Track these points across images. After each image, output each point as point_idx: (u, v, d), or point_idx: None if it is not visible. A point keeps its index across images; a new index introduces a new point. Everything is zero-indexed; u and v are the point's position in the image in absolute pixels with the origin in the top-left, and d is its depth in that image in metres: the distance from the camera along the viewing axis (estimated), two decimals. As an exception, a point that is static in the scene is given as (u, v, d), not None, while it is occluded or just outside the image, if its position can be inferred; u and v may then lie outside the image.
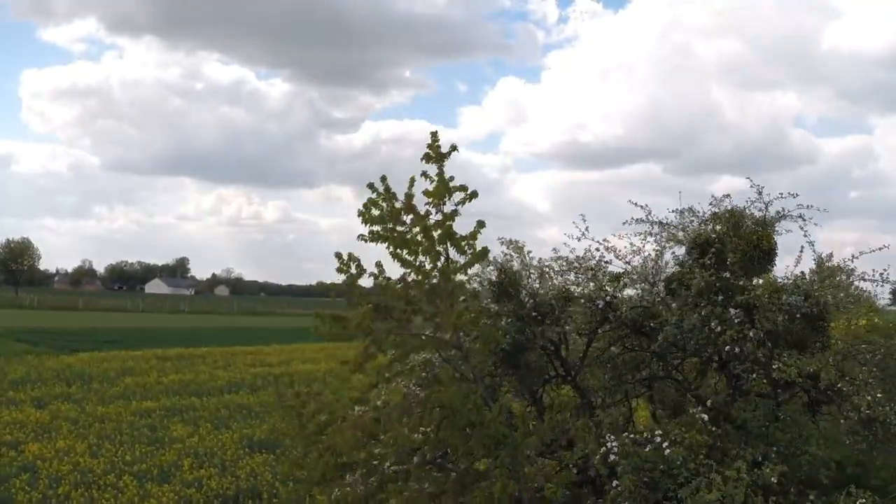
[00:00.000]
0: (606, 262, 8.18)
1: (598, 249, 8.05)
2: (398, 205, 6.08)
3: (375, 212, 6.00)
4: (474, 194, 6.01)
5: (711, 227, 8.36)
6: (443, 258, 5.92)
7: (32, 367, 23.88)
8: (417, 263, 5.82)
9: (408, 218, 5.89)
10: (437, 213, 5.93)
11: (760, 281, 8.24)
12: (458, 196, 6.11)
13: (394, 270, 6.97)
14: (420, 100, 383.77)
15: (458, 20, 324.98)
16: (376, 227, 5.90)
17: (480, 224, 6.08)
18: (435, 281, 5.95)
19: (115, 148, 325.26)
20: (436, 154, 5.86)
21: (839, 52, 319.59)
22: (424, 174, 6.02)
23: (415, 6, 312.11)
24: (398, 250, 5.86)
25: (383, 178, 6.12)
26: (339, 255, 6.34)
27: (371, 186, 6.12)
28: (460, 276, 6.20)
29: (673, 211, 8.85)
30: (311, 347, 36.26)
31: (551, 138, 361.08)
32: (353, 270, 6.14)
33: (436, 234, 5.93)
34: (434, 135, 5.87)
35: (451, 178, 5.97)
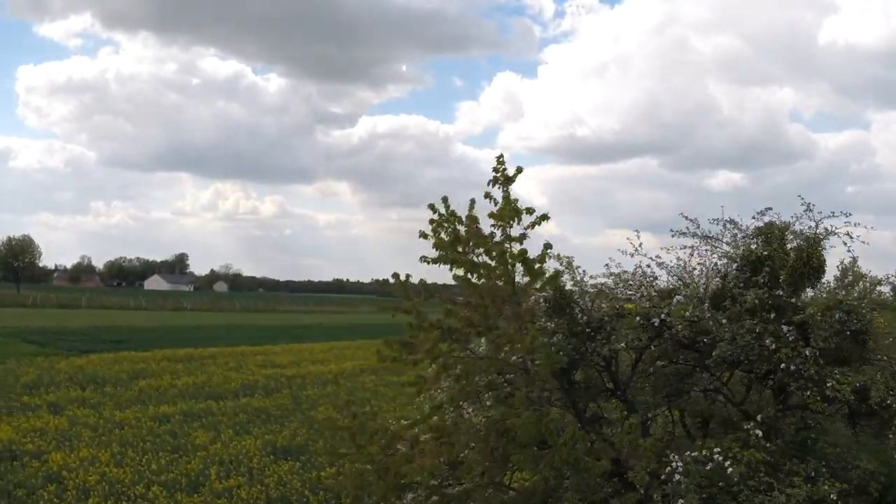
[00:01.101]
0: (655, 278, 8.12)
1: (648, 265, 7.98)
2: (460, 226, 5.97)
3: (441, 235, 5.89)
4: (544, 217, 5.91)
5: (756, 243, 8.32)
6: (515, 281, 5.81)
7: (44, 370, 23.70)
8: (489, 286, 5.70)
9: (471, 241, 5.77)
10: (501, 234, 5.83)
11: (810, 294, 8.21)
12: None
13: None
14: (417, 95, 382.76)
15: (454, 15, 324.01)
16: (441, 251, 5.77)
17: (547, 246, 5.99)
18: (507, 304, 5.84)
19: (111, 143, 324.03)
20: (503, 177, 5.75)
21: (836, 46, 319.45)
22: (488, 195, 5.90)
23: (411, 1, 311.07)
24: (468, 274, 5.75)
25: (445, 199, 6.02)
26: (396, 276, 6.23)
27: (433, 207, 6.00)
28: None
29: (712, 221, 8.81)
30: (320, 347, 36.23)
31: (548, 133, 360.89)
32: (419, 296, 6.03)
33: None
34: (500, 158, 5.78)
35: (516, 200, 5.87)
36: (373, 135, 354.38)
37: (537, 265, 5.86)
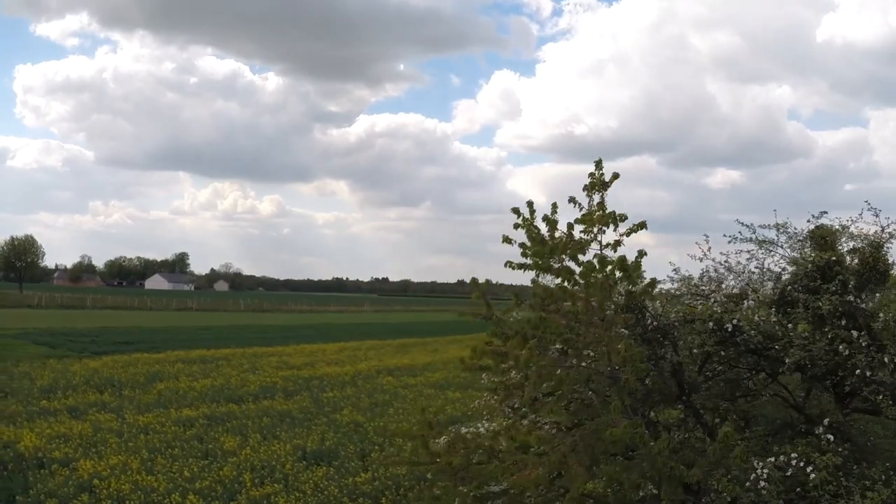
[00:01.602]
0: (721, 283, 7.94)
1: (716, 270, 7.79)
2: (543, 232, 5.74)
3: (524, 240, 5.66)
4: (642, 225, 5.67)
5: (808, 247, 8.19)
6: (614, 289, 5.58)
7: (59, 373, 23.43)
8: (587, 294, 5.46)
9: (568, 247, 5.53)
10: (590, 241, 5.59)
11: (878, 298, 8.03)
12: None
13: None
14: (414, 93, 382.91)
15: (451, 13, 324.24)
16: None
17: (642, 253, 5.75)
18: (601, 311, 5.61)
19: (109, 142, 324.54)
20: (599, 183, 5.52)
21: (834, 44, 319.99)
22: (572, 199, 5.66)
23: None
24: (565, 282, 5.51)
25: (530, 204, 5.79)
26: (475, 281, 6.00)
27: (516, 211, 5.77)
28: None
29: (762, 226, 8.64)
30: (331, 348, 36.01)
31: (546, 131, 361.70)
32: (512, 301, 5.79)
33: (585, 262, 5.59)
34: (599, 163, 5.53)
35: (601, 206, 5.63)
36: (371, 133, 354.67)
37: (637, 273, 5.61)
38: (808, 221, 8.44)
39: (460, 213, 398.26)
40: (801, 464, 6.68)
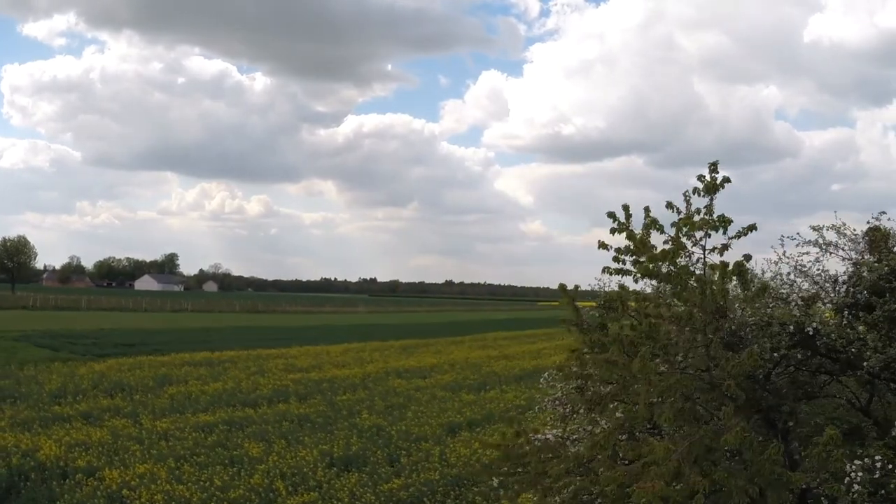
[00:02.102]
0: (793, 283, 7.78)
1: (789, 274, 7.62)
2: (637, 235, 5.53)
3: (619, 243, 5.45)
4: (752, 227, 5.47)
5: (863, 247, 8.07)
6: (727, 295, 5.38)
7: (66, 377, 22.95)
8: (700, 300, 5.25)
9: (675, 252, 5.32)
10: (692, 245, 5.39)
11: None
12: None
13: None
14: (402, 93, 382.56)
15: (439, 14, 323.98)
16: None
17: (747, 257, 5.56)
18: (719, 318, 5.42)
19: (97, 143, 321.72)
20: (711, 184, 5.30)
21: (821, 45, 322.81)
22: (669, 205, 5.45)
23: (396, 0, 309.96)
24: (679, 288, 5.30)
25: (626, 208, 5.57)
26: (563, 287, 5.78)
27: (612, 216, 5.55)
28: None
29: (818, 227, 8.50)
30: (335, 350, 35.70)
31: (534, 131, 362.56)
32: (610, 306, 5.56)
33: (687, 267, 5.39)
34: (713, 165, 5.31)
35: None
36: (358, 134, 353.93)
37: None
38: (868, 223, 8.33)
39: (448, 213, 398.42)
40: (890, 466, 6.55)
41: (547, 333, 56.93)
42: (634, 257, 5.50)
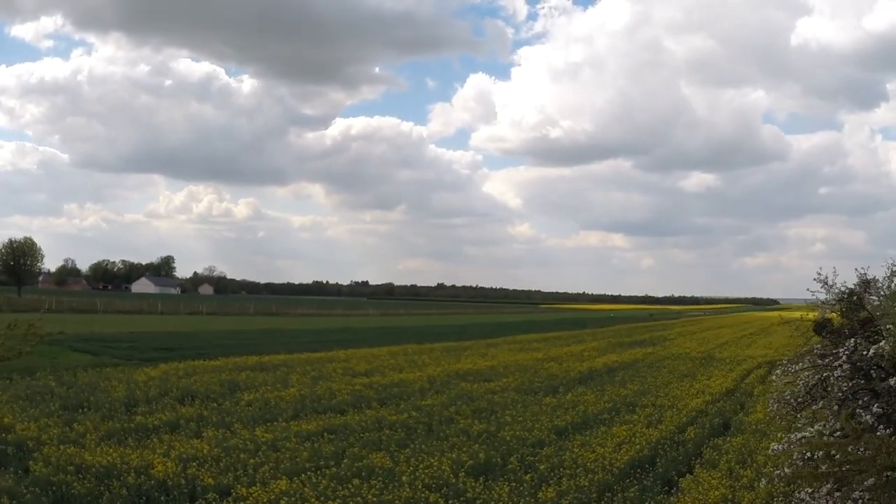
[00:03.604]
0: None
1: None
2: None
3: None
4: None
5: None
6: None
7: (125, 384, 21.68)
8: None
9: None
10: None
11: None
12: None
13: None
14: (390, 96, 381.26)
15: (427, 16, 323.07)
16: None
17: None
18: None
19: (84, 145, 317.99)
20: None
21: (808, 48, 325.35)
22: None
23: (384, 2, 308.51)
24: None
25: None
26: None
27: None
28: None
29: None
30: (381, 352, 34.63)
31: (521, 135, 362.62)
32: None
33: None
34: None
35: None
36: (346, 136, 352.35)
37: None
38: None
39: (436, 216, 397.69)
40: None
41: (575, 336, 56.30)
42: None
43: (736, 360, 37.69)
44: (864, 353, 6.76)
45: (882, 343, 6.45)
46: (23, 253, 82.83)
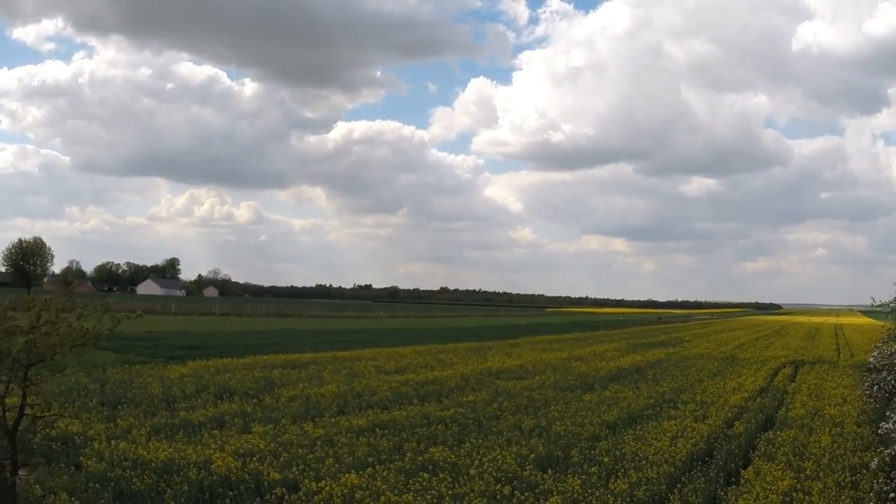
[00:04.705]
0: None
1: None
2: None
3: None
4: None
5: None
6: None
7: (160, 380, 21.37)
8: None
9: None
10: None
11: None
12: None
13: None
14: (391, 100, 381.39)
15: (428, 20, 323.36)
16: None
17: None
18: None
19: (86, 148, 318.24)
20: None
21: (810, 53, 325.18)
22: None
23: (384, 5, 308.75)
24: None
25: None
26: None
27: None
28: None
29: None
30: (405, 352, 34.34)
31: (523, 139, 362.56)
32: None
33: None
34: None
35: None
36: (348, 140, 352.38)
37: None
38: None
39: (437, 220, 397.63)
40: None
41: (591, 337, 56.15)
42: None
43: (759, 360, 37.46)
44: None
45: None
46: (32, 253, 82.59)
